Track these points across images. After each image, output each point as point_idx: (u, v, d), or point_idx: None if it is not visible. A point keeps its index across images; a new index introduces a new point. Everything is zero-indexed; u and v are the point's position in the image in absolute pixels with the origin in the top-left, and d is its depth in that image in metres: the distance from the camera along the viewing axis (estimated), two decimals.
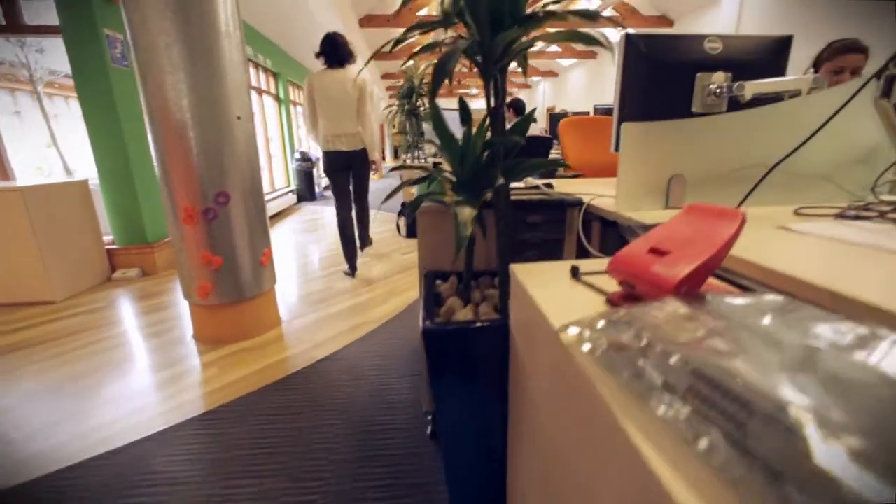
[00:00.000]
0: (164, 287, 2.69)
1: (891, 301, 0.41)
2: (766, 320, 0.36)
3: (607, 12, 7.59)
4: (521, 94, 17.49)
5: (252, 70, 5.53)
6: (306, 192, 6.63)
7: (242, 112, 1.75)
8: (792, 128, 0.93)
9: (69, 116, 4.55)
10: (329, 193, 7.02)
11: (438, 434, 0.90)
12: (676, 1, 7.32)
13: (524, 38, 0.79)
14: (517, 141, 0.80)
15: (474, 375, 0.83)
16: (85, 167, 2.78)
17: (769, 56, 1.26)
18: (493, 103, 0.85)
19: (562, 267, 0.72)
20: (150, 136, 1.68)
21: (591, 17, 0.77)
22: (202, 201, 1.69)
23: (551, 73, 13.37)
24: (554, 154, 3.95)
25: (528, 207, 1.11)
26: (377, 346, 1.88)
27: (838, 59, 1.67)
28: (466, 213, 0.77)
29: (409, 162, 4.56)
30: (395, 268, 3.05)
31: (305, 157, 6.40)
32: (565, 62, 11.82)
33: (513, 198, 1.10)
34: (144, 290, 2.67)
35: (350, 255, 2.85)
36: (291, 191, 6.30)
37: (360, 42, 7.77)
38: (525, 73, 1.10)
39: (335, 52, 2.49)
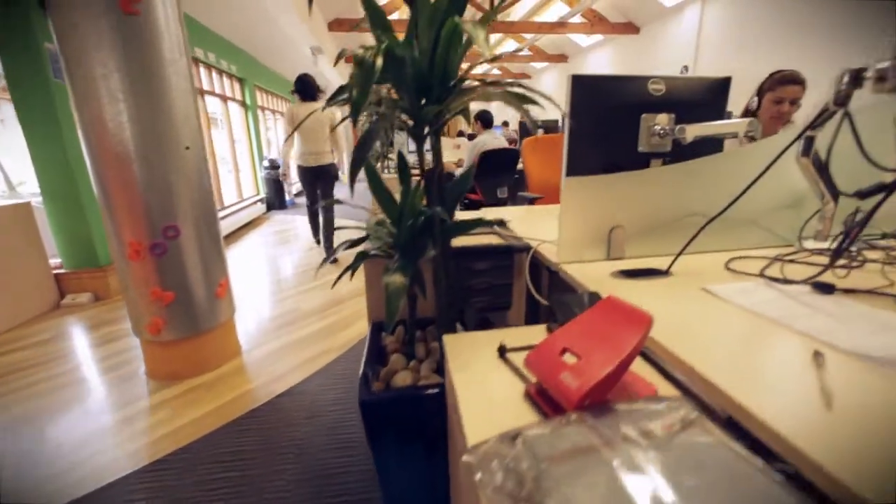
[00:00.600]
0: (118, 314, 2.57)
1: (782, 420, 0.42)
2: (653, 453, 0.37)
3: (576, 18, 7.71)
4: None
5: (216, 76, 5.36)
6: (276, 200, 6.48)
7: (192, 141, 1.69)
8: (726, 179, 0.96)
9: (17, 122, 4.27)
10: (300, 201, 6.90)
11: (383, 500, 0.88)
12: (642, 10, 7.50)
13: (455, 104, 0.78)
14: (443, 217, 0.78)
15: (415, 441, 0.82)
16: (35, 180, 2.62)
17: (710, 96, 1.30)
18: (426, 166, 0.85)
19: (494, 339, 0.72)
20: (89, 170, 1.59)
21: (524, 99, 0.77)
22: (149, 236, 1.62)
23: (524, 76, 13.49)
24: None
25: (475, 254, 1.10)
26: (339, 377, 1.85)
27: (778, 89, 1.74)
28: (397, 282, 0.76)
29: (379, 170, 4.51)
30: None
31: (274, 165, 6.24)
32: (538, 65, 11.95)
33: (459, 244, 1.10)
34: (96, 317, 2.55)
35: (316, 230, 3.75)
36: (260, 199, 6.14)
37: (331, 45, 7.64)
38: (469, 124, 1.09)
39: (307, 89, 3.31)
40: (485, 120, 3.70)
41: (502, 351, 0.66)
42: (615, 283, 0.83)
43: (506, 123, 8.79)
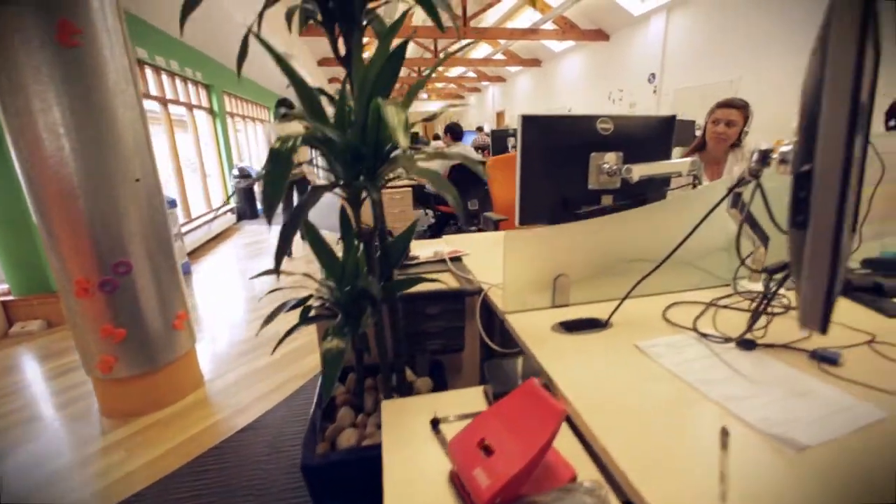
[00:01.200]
0: (70, 343, 2.45)
1: None
2: None
3: (547, 25, 7.81)
4: (472, 98, 17.66)
5: (180, 84, 5.19)
6: (247, 209, 6.34)
7: (143, 172, 1.63)
8: (667, 225, 0.99)
9: None
10: None
11: None
12: (611, 18, 7.66)
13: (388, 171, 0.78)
14: (374, 294, 0.78)
15: (359, 502, 0.82)
16: None
17: (656, 133, 1.34)
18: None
19: (432, 406, 0.72)
20: (30, 206, 1.52)
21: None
22: (98, 273, 1.56)
23: (499, 79, 13.59)
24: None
25: (427, 298, 1.11)
26: (304, 406, 1.83)
27: (717, 112, 1.82)
28: (335, 349, 0.76)
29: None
30: None
31: (244, 174, 6.10)
32: (512, 69, 12.05)
33: (410, 291, 1.10)
34: (47, 347, 2.44)
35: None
36: (231, 209, 5.99)
37: (303, 49, 7.52)
38: (408, 174, 1.09)
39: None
40: (454, 132, 3.72)
41: (435, 424, 0.67)
42: (554, 339, 0.85)
43: (480, 129, 8.83)
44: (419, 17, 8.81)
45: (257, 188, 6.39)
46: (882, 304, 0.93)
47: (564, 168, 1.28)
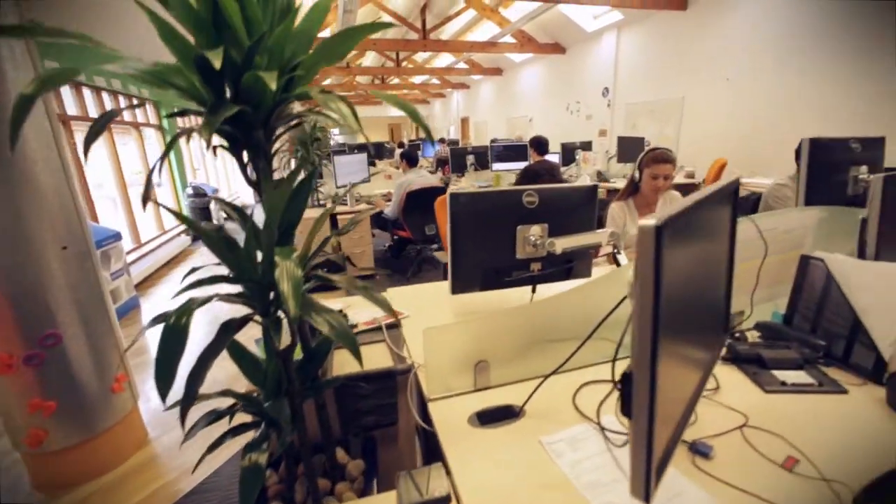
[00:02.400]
0: None
1: None
2: None
3: (507, 38, 7.96)
4: (437, 104, 17.73)
5: (123, 102, 4.96)
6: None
7: (71, 238, 1.58)
8: (583, 307, 1.07)
9: None
10: (230, 226, 6.55)
11: None
12: (566, 33, 7.90)
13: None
14: (282, 424, 0.81)
15: None
16: None
17: (580, 203, 1.43)
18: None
19: None
20: None
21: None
22: (23, 347, 1.50)
23: (463, 86, 13.73)
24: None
25: (359, 378, 1.14)
26: None
27: (654, 167, 1.94)
28: (254, 464, 0.78)
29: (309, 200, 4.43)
30: None
31: (199, 192, 5.89)
32: (476, 77, 12.19)
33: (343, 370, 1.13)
34: None
35: None
36: (184, 231, 5.78)
37: None
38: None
39: None
40: (410, 158, 3.75)
41: None
42: (467, 436, 0.90)
43: (442, 140, 8.89)
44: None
45: (213, 207, 6.20)
46: (761, 376, 1.04)
47: (494, 239, 1.34)
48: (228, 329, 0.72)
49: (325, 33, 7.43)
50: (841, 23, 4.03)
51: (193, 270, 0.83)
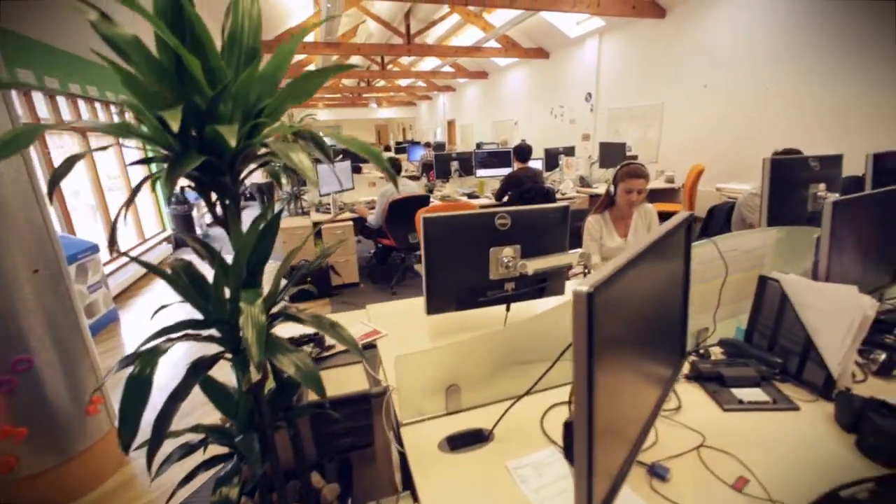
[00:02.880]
0: None
1: None
2: None
3: (491, 43, 8.02)
4: (423, 106, 17.73)
5: (100, 109, 4.88)
6: (186, 236, 6.03)
7: (43, 261, 1.56)
8: (556, 326, 1.10)
9: None
10: (215, 232, 6.48)
11: None
12: (550, 38, 7.99)
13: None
14: (252, 463, 0.82)
15: None
16: None
17: (552, 224, 1.46)
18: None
19: None
20: None
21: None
22: None
23: (449, 88, 13.77)
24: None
25: (333, 403, 1.16)
26: None
27: (628, 181, 1.99)
28: (222, 501, 0.79)
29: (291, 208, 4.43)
30: None
31: (181, 200, 5.81)
32: (461, 80, 12.24)
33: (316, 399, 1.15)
34: None
35: None
36: (166, 238, 5.69)
37: None
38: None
39: None
40: (393, 167, 3.77)
41: None
42: (438, 463, 0.93)
43: (427, 144, 8.91)
44: (364, 32, 8.76)
45: (195, 214, 6.11)
46: (721, 395, 1.09)
47: (467, 261, 1.37)
48: (198, 370, 0.73)
49: (309, 38, 7.39)
50: (814, 33, 4.17)
51: (163, 307, 0.84)
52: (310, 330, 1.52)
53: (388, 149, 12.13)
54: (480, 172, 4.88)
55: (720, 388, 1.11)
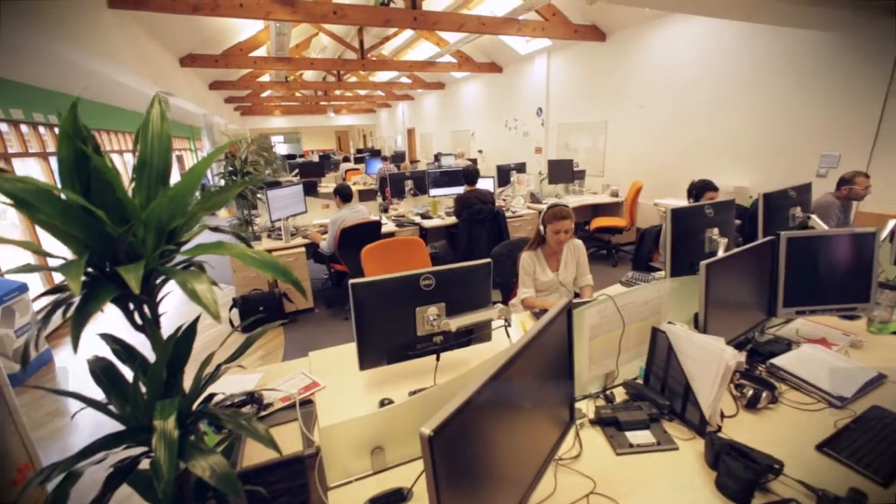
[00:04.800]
0: None
1: None
2: None
3: (445, 58, 8.17)
4: (383, 113, 17.70)
5: (44, 131, 4.61)
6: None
7: None
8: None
9: None
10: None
11: None
12: (502, 54, 8.26)
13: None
14: None
15: None
16: None
17: (476, 280, 1.58)
18: None
19: None
20: None
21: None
22: None
23: (408, 98, 13.83)
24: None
25: (266, 469, 1.22)
26: None
27: (555, 223, 2.16)
28: None
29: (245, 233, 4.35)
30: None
31: None
32: (419, 90, 12.34)
33: (251, 465, 1.20)
34: None
35: None
36: None
37: (191, 77, 7.01)
38: None
39: None
40: (343, 195, 3.80)
41: None
42: None
43: (385, 158, 8.94)
44: (317, 45, 8.68)
45: None
46: (616, 439, 1.24)
47: (396, 321, 1.46)
48: (116, 477, 0.78)
49: (261, 52, 7.25)
50: (734, 67, 4.58)
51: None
52: (249, 387, 1.57)
53: (347, 159, 12.04)
54: (434, 192, 4.99)
55: (616, 431, 1.27)
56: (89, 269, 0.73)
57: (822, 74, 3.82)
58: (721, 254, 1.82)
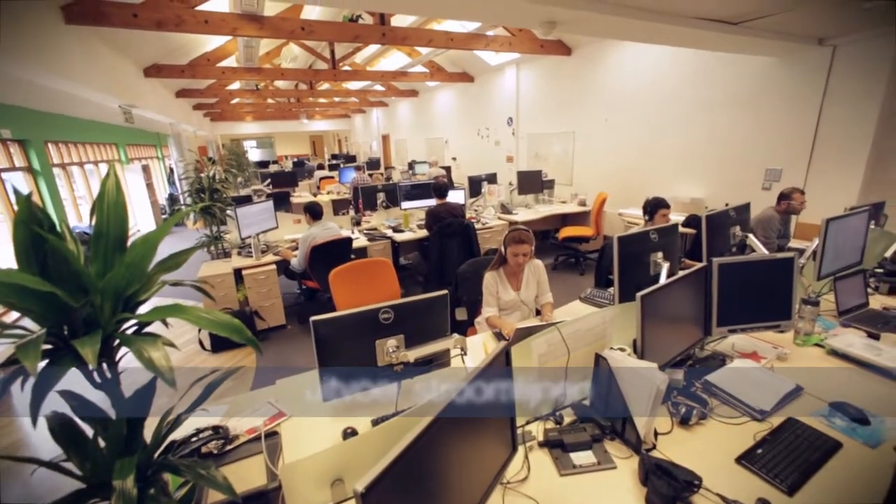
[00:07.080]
0: None
1: None
2: None
3: (417, 68, 8.25)
4: (357, 119, 17.63)
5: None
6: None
7: None
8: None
9: None
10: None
11: None
12: (473, 65, 8.39)
13: None
14: None
15: None
16: None
17: (434, 310, 1.66)
18: None
19: None
20: None
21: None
22: None
23: (382, 104, 13.84)
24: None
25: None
26: None
27: (514, 246, 2.27)
28: None
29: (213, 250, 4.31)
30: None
31: (85, 239, 5.35)
32: (393, 98, 12.37)
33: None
34: None
35: None
36: None
37: (156, 86, 6.84)
38: None
39: None
40: (313, 212, 3.82)
41: None
42: None
43: (358, 167, 8.95)
44: (288, 53, 8.60)
45: None
46: (561, 460, 1.34)
47: (356, 353, 1.53)
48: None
49: (230, 62, 7.15)
50: (691, 80, 4.84)
51: None
52: (214, 420, 1.60)
53: (321, 166, 11.96)
54: (405, 204, 5.06)
55: (562, 453, 1.37)
56: (47, 345, 0.78)
57: (765, 95, 4.10)
58: (664, 276, 1.98)
